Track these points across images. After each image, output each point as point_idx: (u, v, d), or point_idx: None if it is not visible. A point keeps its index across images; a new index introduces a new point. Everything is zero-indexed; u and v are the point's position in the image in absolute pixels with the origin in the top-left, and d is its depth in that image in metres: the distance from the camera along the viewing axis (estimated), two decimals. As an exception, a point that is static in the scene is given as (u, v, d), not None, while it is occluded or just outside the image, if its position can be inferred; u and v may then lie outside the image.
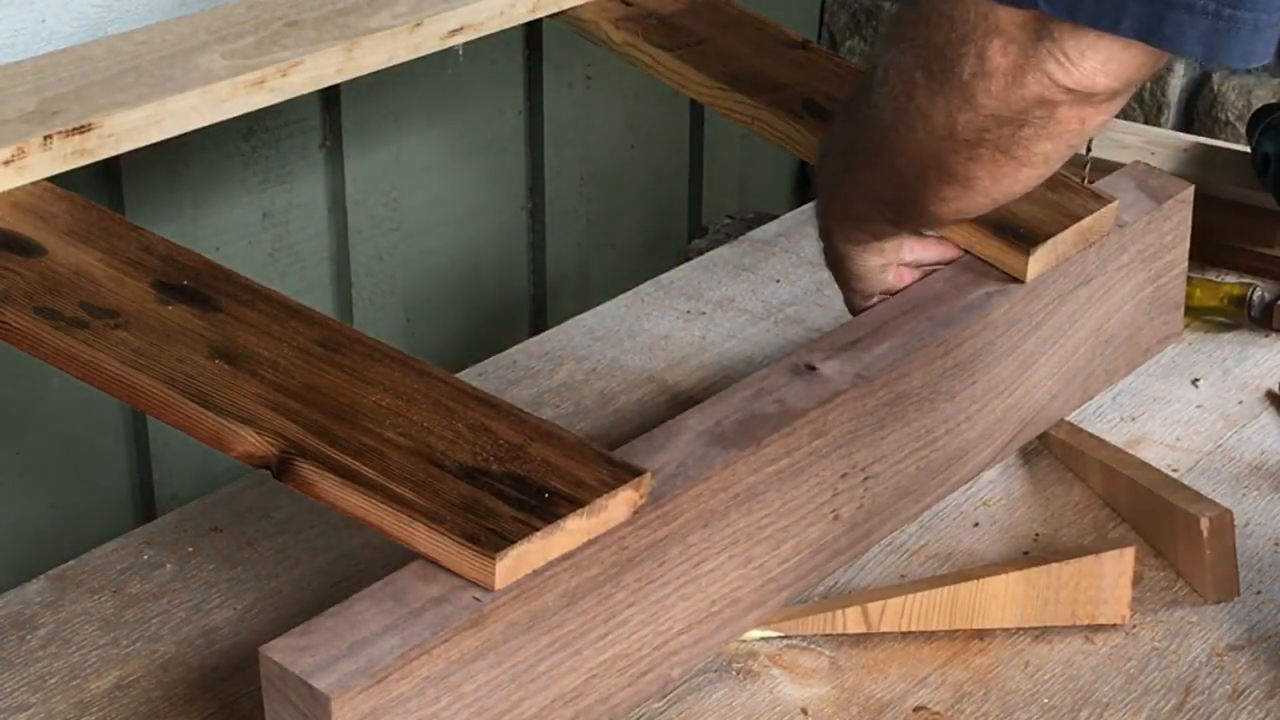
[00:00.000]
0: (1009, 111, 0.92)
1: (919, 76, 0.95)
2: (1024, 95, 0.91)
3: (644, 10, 1.43)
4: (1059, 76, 0.89)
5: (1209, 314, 1.44)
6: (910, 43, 0.95)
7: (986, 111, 0.93)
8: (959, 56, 0.92)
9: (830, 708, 1.04)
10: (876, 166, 1.03)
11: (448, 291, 1.90)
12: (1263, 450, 1.28)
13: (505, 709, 0.93)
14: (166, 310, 1.02)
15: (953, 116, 0.94)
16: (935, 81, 0.94)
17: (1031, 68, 0.89)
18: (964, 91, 0.92)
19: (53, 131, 1.11)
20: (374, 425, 0.96)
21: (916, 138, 0.97)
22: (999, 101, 0.92)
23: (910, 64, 0.95)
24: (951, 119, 0.94)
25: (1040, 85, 0.90)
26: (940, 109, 0.94)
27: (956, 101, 0.93)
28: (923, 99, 0.95)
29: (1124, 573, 1.09)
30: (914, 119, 0.96)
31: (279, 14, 1.28)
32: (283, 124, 1.68)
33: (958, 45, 0.91)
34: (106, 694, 1.04)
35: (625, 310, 1.47)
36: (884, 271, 1.16)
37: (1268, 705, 1.04)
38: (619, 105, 2.03)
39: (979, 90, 0.92)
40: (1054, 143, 0.94)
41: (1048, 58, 0.89)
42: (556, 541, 0.92)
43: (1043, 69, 0.89)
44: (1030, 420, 1.25)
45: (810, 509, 1.08)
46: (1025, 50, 0.89)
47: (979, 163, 0.96)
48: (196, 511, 1.21)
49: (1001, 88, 0.91)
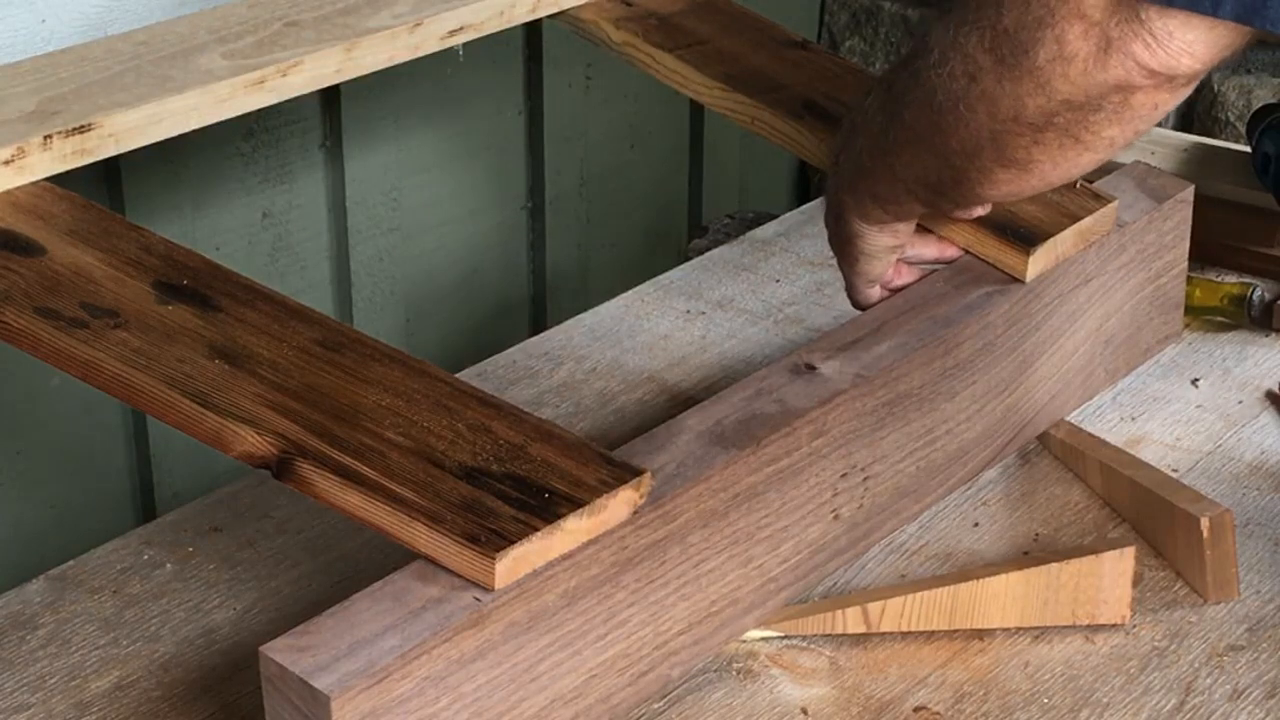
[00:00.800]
0: (1085, 97, 0.91)
1: (985, 60, 0.93)
2: (1105, 80, 0.90)
3: (644, 10, 1.43)
4: (1145, 59, 0.88)
5: (1209, 314, 1.44)
6: (975, 25, 0.94)
7: (1061, 96, 0.92)
8: (1035, 40, 0.90)
9: (830, 708, 1.04)
10: (920, 148, 1.02)
11: (448, 291, 1.90)
12: (1263, 450, 1.28)
13: (505, 709, 0.93)
14: (166, 310, 1.02)
15: (1022, 101, 0.93)
16: (1004, 65, 0.93)
17: (1116, 51, 0.88)
18: (1037, 76, 0.91)
19: (53, 131, 1.11)
20: (374, 425, 0.96)
21: (977, 120, 0.96)
22: (1076, 87, 0.91)
23: (975, 46, 0.94)
24: (1020, 103, 0.93)
25: (1124, 69, 0.89)
26: (1008, 93, 0.93)
27: (1028, 86, 0.92)
28: (988, 82, 0.94)
29: (1124, 573, 1.09)
30: (975, 102, 0.95)
31: (279, 14, 1.28)
32: (283, 124, 1.68)
33: (1034, 29, 0.90)
34: (106, 694, 1.04)
35: (625, 310, 1.47)
36: (894, 253, 1.16)
37: (1268, 705, 1.04)
38: (619, 105, 2.03)
39: (1055, 75, 0.91)
40: (1123, 127, 0.93)
41: (1134, 40, 0.88)
42: (556, 541, 0.92)
43: (1128, 52, 0.88)
44: (1030, 420, 1.25)
45: (810, 509, 1.08)
46: (1109, 34, 0.88)
47: (1042, 146, 0.96)
48: (196, 511, 1.21)
49: (1080, 73, 0.90)
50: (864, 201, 1.12)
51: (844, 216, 1.14)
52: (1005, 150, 0.97)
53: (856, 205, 1.13)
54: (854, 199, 1.12)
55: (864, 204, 1.12)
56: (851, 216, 1.13)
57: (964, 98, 0.96)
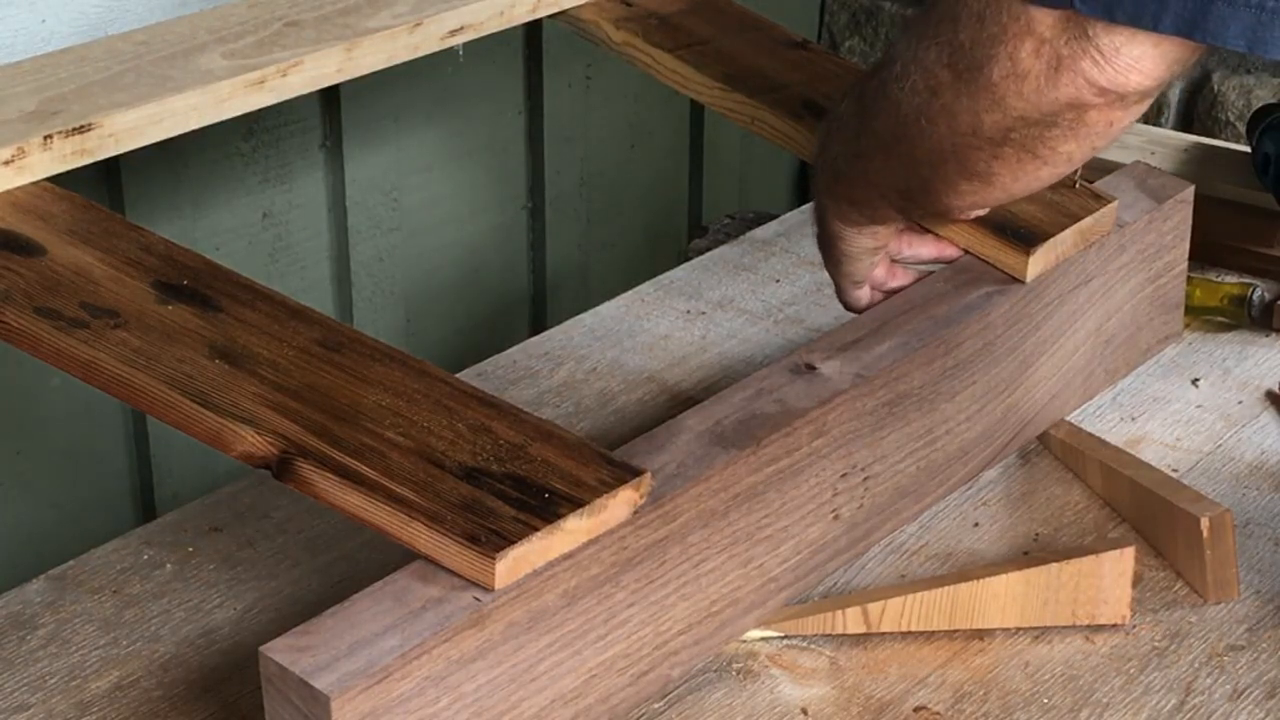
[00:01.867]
0: (1039, 113, 0.91)
1: (944, 74, 0.94)
2: (1056, 97, 0.90)
3: (644, 10, 1.43)
4: (1094, 76, 0.88)
5: (1209, 314, 1.44)
6: (935, 40, 0.94)
7: (1016, 113, 0.92)
8: (989, 58, 0.91)
9: (830, 708, 1.04)
10: (890, 156, 1.03)
11: (448, 291, 1.91)
12: (1263, 450, 1.28)
13: (505, 709, 0.93)
14: (166, 310, 1.02)
15: (979, 116, 0.94)
16: (961, 81, 0.93)
17: (1066, 69, 0.89)
18: (993, 93, 0.92)
19: (53, 131, 1.11)
20: (374, 425, 0.96)
21: (938, 132, 0.96)
22: (1029, 104, 0.91)
23: (934, 61, 0.94)
24: (977, 118, 0.94)
25: (1074, 87, 0.89)
26: (966, 108, 0.94)
27: (984, 102, 0.93)
28: (948, 97, 0.94)
29: (1124, 573, 1.09)
30: (936, 115, 0.96)
31: (279, 14, 1.28)
32: (283, 124, 1.68)
33: (988, 46, 0.91)
34: (106, 694, 1.04)
35: (625, 310, 1.47)
36: (875, 254, 1.16)
37: (1268, 705, 1.04)
38: (619, 105, 2.03)
39: (1009, 92, 0.91)
40: (1079, 143, 0.94)
41: (1083, 58, 0.88)
42: (556, 541, 0.92)
43: (1077, 70, 0.88)
44: (1030, 420, 1.25)
45: (810, 509, 1.08)
46: (1059, 52, 0.88)
47: (1001, 160, 0.96)
48: (196, 511, 1.21)
49: (1033, 90, 0.90)
50: (841, 205, 1.12)
51: (824, 219, 1.15)
52: (966, 163, 0.98)
53: (835, 208, 1.13)
54: (832, 202, 1.13)
55: (841, 207, 1.12)
56: (831, 219, 1.14)
57: (925, 111, 0.96)
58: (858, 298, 1.20)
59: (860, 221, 1.12)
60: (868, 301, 1.20)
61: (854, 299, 1.20)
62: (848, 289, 1.19)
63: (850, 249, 1.15)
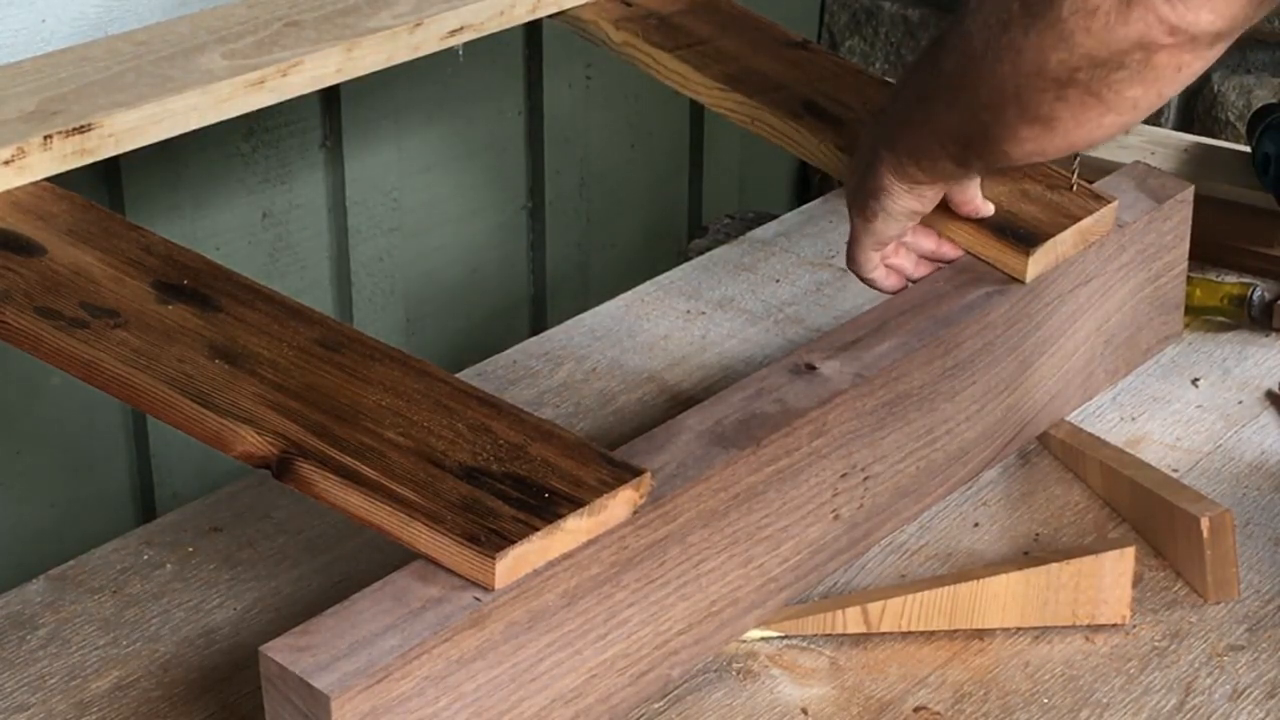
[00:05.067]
0: (1106, 52, 0.90)
1: (1015, 8, 0.93)
2: (1126, 34, 0.89)
3: (644, 10, 1.43)
4: (1165, 12, 0.87)
5: (1209, 314, 1.44)
6: None
7: (1082, 50, 0.91)
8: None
9: (830, 708, 1.04)
10: (955, 99, 1.01)
11: (448, 291, 1.90)
12: (1263, 450, 1.28)
13: (505, 709, 0.93)
14: (166, 310, 1.02)
15: (1045, 53, 0.92)
16: (1031, 15, 0.92)
17: (1138, 4, 0.88)
18: (1060, 29, 0.91)
19: (53, 131, 1.11)
20: (374, 425, 0.96)
21: (1002, 71, 0.95)
22: (1098, 41, 0.90)
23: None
24: (1043, 56, 0.92)
25: (1144, 24, 0.88)
26: (1033, 45, 0.92)
27: (1051, 38, 0.91)
28: (1016, 32, 0.93)
29: (1124, 573, 1.09)
30: (1003, 51, 0.94)
31: (279, 14, 1.29)
32: (283, 124, 1.68)
33: None
34: (106, 694, 1.04)
35: (625, 310, 1.47)
36: (912, 220, 1.14)
37: (1268, 705, 1.04)
38: (619, 105, 2.03)
39: (1078, 28, 0.90)
40: (1146, 88, 0.92)
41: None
42: (556, 541, 0.92)
43: (1149, 6, 0.87)
44: (1030, 420, 1.25)
45: (810, 509, 1.08)
46: None
47: (1065, 103, 0.94)
48: (196, 511, 1.21)
49: (1102, 26, 0.89)
50: (900, 156, 1.10)
51: (876, 169, 1.12)
52: (1029, 106, 0.96)
53: (891, 159, 1.11)
54: (890, 152, 1.11)
55: (899, 158, 1.10)
56: (884, 170, 1.12)
57: (992, 46, 0.95)
58: (870, 259, 1.18)
59: (916, 178, 1.11)
60: (874, 271, 1.18)
61: (867, 259, 1.18)
62: (868, 248, 1.17)
63: (892, 206, 1.13)
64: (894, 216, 1.14)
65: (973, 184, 1.18)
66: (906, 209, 1.13)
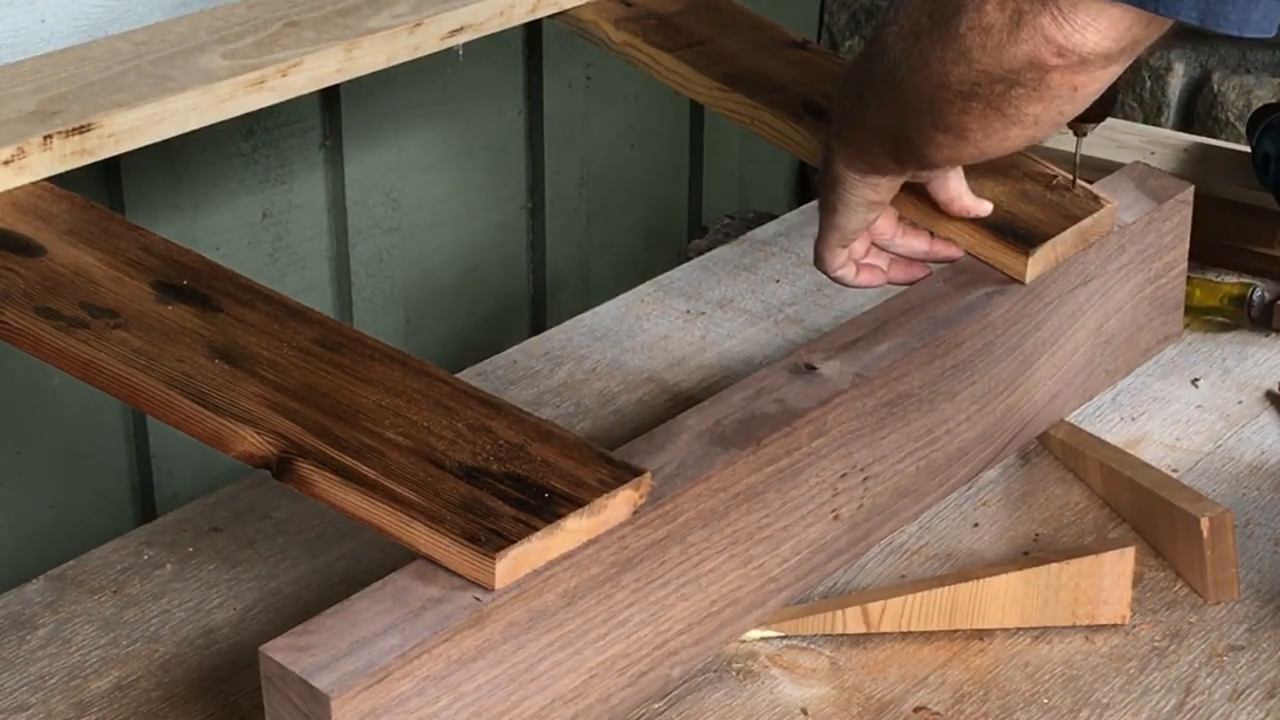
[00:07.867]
0: (1001, 70, 0.93)
1: (924, 21, 0.96)
2: (1016, 54, 0.91)
3: (644, 10, 1.43)
4: (1052, 33, 0.90)
5: (1209, 314, 1.44)
6: None
7: (980, 67, 0.93)
8: (959, 8, 0.93)
9: (830, 708, 1.04)
10: (883, 101, 1.04)
11: (448, 291, 1.91)
12: (1263, 450, 1.28)
13: (505, 709, 0.93)
14: (166, 310, 1.02)
15: (947, 67, 0.95)
16: (937, 29, 0.95)
17: (1026, 24, 0.90)
18: (959, 44, 0.93)
19: (53, 131, 1.11)
20: (374, 425, 0.96)
21: (916, 80, 0.98)
22: (992, 59, 0.92)
23: (918, 7, 0.96)
24: (946, 69, 0.95)
25: (1033, 44, 0.90)
26: (937, 58, 0.95)
27: (951, 53, 0.94)
28: (925, 44, 0.96)
29: (1124, 573, 1.09)
30: (915, 61, 0.97)
31: (279, 14, 1.28)
32: (283, 124, 1.68)
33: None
34: (106, 694, 1.04)
35: (625, 310, 1.47)
36: (871, 210, 1.14)
37: (1268, 705, 1.04)
38: (619, 105, 2.03)
39: (974, 45, 0.93)
40: (1044, 106, 0.95)
41: (1043, 13, 0.89)
42: (556, 541, 0.92)
43: (1037, 25, 0.90)
44: (1030, 420, 1.25)
45: (810, 509, 1.08)
46: (1021, 7, 0.90)
47: (970, 115, 0.97)
48: (196, 511, 1.21)
49: (996, 44, 0.92)
50: (847, 149, 1.12)
51: (831, 160, 1.14)
52: (940, 115, 0.99)
53: (843, 150, 1.13)
54: (839, 144, 1.13)
55: (847, 151, 1.12)
56: (837, 160, 1.13)
57: (906, 56, 0.98)
58: (836, 255, 1.18)
59: (862, 169, 1.12)
60: (840, 269, 1.18)
61: (833, 255, 1.18)
62: (831, 243, 1.17)
63: (849, 197, 1.14)
64: (852, 207, 1.14)
65: (956, 182, 1.18)
66: (863, 199, 1.14)
